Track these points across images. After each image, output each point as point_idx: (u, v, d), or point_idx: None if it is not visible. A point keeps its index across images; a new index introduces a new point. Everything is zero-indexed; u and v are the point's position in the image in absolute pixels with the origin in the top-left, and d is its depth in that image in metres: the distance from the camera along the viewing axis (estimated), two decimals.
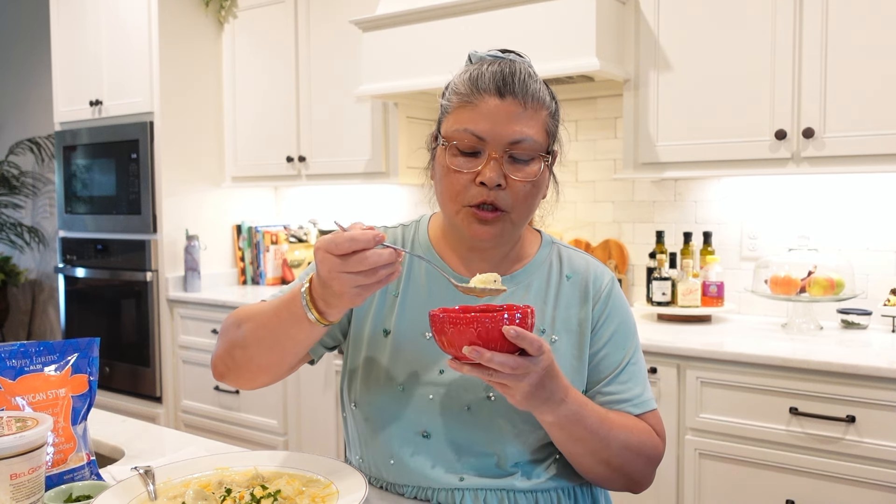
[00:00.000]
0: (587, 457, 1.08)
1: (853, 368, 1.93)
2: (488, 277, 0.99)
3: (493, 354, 0.88)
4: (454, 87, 1.11)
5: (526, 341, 0.89)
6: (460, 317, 0.90)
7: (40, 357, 1.10)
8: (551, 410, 0.99)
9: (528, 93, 1.07)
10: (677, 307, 2.58)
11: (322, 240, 0.92)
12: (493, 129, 1.05)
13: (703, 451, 2.18)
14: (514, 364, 0.89)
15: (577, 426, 1.03)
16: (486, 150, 1.06)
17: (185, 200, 3.60)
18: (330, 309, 0.97)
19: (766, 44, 2.30)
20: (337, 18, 3.23)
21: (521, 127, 1.06)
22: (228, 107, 3.70)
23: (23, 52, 5.12)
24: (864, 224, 2.50)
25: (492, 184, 1.05)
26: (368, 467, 1.18)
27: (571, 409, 1.01)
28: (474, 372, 0.91)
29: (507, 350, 0.89)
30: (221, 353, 1.14)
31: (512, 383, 0.92)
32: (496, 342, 0.89)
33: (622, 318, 1.18)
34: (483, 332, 0.88)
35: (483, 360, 0.88)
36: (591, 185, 3.01)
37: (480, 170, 1.05)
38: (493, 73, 1.08)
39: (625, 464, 1.09)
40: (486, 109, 1.06)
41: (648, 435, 1.13)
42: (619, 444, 1.07)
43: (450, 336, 0.90)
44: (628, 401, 1.14)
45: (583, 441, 1.05)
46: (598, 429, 1.05)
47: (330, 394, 3.03)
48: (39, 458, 0.97)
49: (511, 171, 1.06)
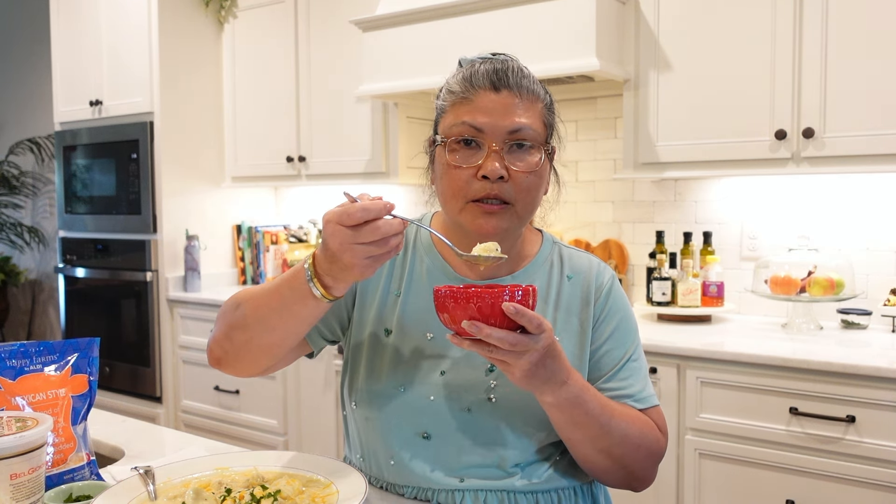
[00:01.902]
0: (587, 444, 1.07)
1: (853, 368, 1.93)
2: (490, 246, 1.00)
3: (491, 330, 0.88)
4: (448, 87, 1.12)
5: (525, 318, 0.89)
6: (461, 292, 0.91)
7: (40, 357, 1.10)
8: (552, 391, 0.99)
9: (523, 86, 1.08)
10: (677, 307, 2.58)
11: (331, 212, 0.91)
12: (490, 120, 1.06)
13: (703, 451, 2.18)
14: (512, 340, 0.89)
15: (578, 410, 1.02)
16: (485, 142, 1.06)
17: (185, 200, 3.60)
18: (336, 283, 0.96)
19: (766, 44, 2.31)
20: (337, 18, 3.23)
21: (518, 117, 1.06)
22: (228, 107, 3.70)
23: (23, 52, 5.12)
24: (864, 224, 2.50)
25: (494, 176, 1.04)
26: (369, 467, 1.18)
27: (573, 392, 1.00)
28: (474, 347, 0.91)
29: (507, 327, 0.90)
30: (219, 336, 1.11)
31: (511, 360, 0.92)
32: (496, 318, 0.89)
33: (623, 315, 1.18)
34: (483, 307, 0.89)
35: (482, 335, 0.88)
36: (591, 185, 3.01)
37: (482, 163, 1.05)
38: (487, 69, 1.09)
39: (625, 454, 1.09)
40: (482, 103, 1.06)
41: (650, 428, 1.13)
42: (619, 433, 1.07)
43: (451, 311, 0.90)
44: (630, 396, 1.14)
45: (583, 426, 1.04)
46: (599, 415, 1.04)
47: (330, 394, 3.03)
48: (39, 458, 0.97)
49: (512, 162, 1.06)
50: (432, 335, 1.14)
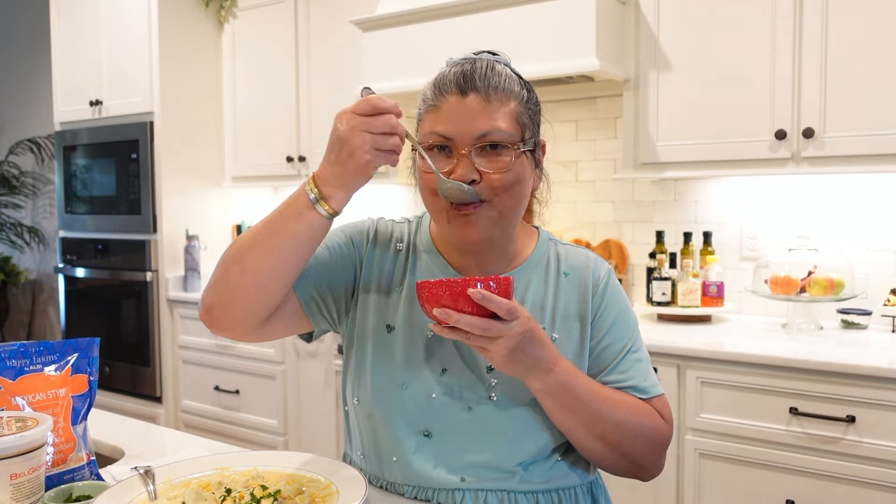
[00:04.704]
0: (581, 430, 1.08)
1: (853, 368, 1.93)
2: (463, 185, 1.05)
3: (460, 316, 0.92)
4: (423, 94, 1.13)
5: (493, 304, 0.93)
6: (436, 282, 0.94)
7: (40, 357, 1.10)
8: (539, 378, 1.02)
9: (491, 86, 1.08)
10: (677, 307, 2.58)
11: (346, 106, 0.98)
12: (456, 127, 1.06)
13: (703, 451, 2.18)
14: (483, 325, 0.93)
15: (567, 396, 1.05)
16: (454, 148, 1.07)
17: (185, 200, 3.60)
18: (335, 191, 1.00)
19: (766, 44, 2.31)
20: (337, 18, 3.23)
21: (485, 120, 1.06)
22: (228, 107, 3.70)
23: (23, 52, 5.12)
24: (864, 224, 2.50)
25: (465, 180, 1.06)
26: (370, 464, 1.18)
27: (560, 379, 1.03)
28: (452, 334, 0.95)
29: (480, 314, 0.93)
30: (213, 279, 1.06)
31: (487, 345, 0.96)
32: (467, 305, 0.93)
33: (620, 308, 1.19)
34: (452, 294, 0.93)
35: (451, 321, 0.93)
36: (591, 185, 3.01)
37: (452, 168, 1.07)
38: (455, 73, 1.09)
39: (622, 442, 1.09)
40: (448, 109, 1.07)
41: (650, 416, 1.13)
42: (613, 418, 1.08)
43: (426, 300, 0.95)
44: (632, 388, 1.14)
45: (574, 412, 1.06)
46: (590, 400, 1.06)
47: (330, 394, 3.03)
48: (39, 458, 0.97)
49: (482, 165, 1.07)
50: (433, 333, 1.14)
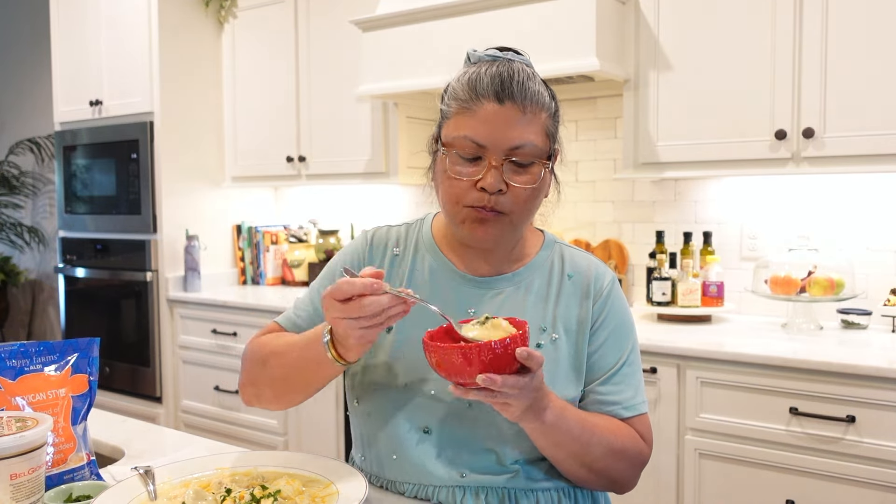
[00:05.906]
0: (569, 460, 1.09)
1: (853, 368, 1.93)
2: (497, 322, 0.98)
3: (504, 380, 0.90)
4: (453, 91, 1.11)
5: (533, 360, 0.92)
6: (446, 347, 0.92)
7: (40, 357, 1.10)
8: (536, 417, 1.01)
9: (527, 96, 1.06)
10: (677, 307, 2.58)
11: (330, 286, 0.97)
12: (492, 135, 1.05)
13: (703, 451, 2.18)
14: (521, 385, 0.92)
15: (559, 432, 1.05)
16: (486, 156, 1.06)
17: (185, 200, 3.60)
18: (347, 352, 1.02)
19: (766, 44, 2.31)
20: (337, 18, 3.23)
21: (520, 132, 1.05)
22: (228, 107, 3.70)
23: (23, 52, 5.12)
24: (864, 224, 2.50)
25: (492, 190, 1.06)
26: (370, 464, 1.19)
27: (554, 414, 1.03)
28: (479, 396, 0.93)
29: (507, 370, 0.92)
30: (249, 387, 1.20)
31: (513, 401, 0.95)
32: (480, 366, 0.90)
33: (620, 320, 1.19)
34: (494, 358, 0.90)
35: (496, 386, 0.90)
36: (591, 185, 3.01)
37: (481, 177, 1.06)
38: (492, 76, 1.07)
39: (607, 467, 1.11)
40: (484, 116, 1.06)
41: (633, 440, 1.14)
42: (601, 448, 1.09)
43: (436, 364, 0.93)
44: (619, 403, 1.15)
45: (564, 446, 1.07)
46: (580, 434, 1.07)
47: (330, 394, 3.03)
48: (39, 458, 0.97)
49: (511, 177, 1.06)
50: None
